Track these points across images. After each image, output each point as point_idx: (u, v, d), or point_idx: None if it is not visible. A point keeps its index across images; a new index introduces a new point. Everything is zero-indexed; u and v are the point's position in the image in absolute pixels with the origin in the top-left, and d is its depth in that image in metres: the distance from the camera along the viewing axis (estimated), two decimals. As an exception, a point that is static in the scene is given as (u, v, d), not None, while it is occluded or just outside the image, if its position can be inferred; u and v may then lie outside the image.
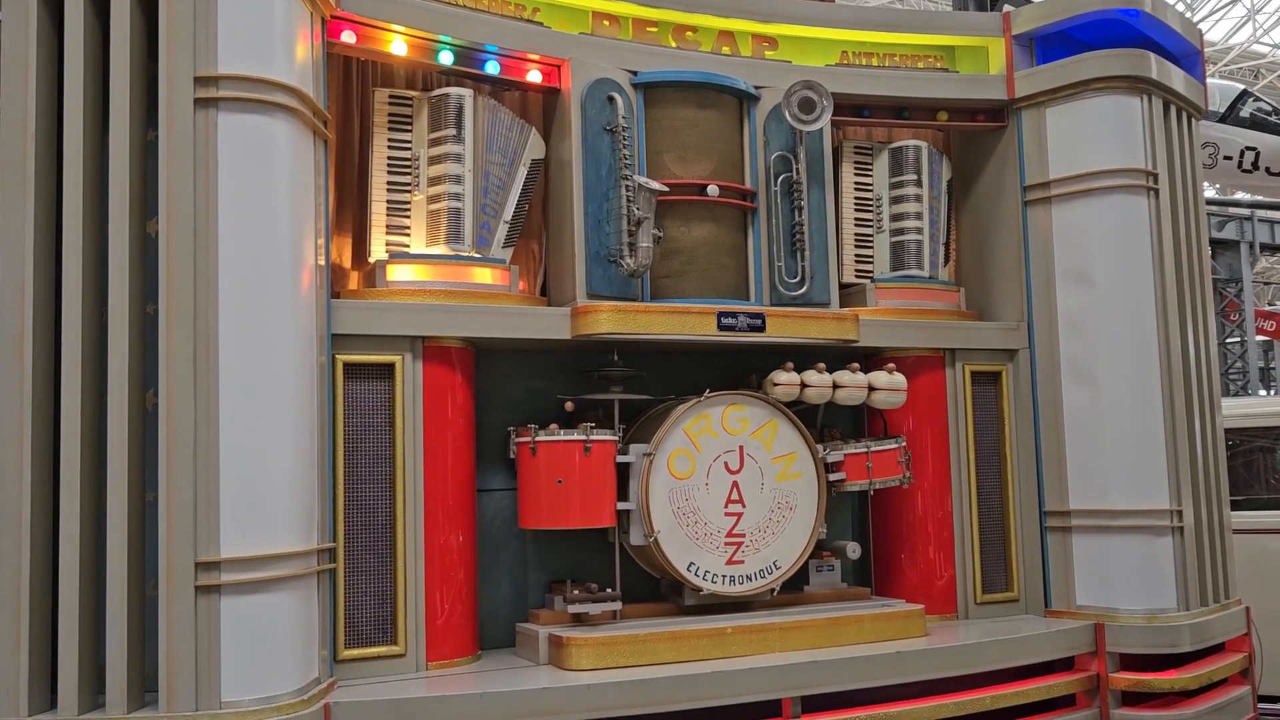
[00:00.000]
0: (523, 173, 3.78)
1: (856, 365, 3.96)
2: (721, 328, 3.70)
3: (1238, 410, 7.29)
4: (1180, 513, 4.04)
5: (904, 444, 4.01)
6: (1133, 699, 3.97)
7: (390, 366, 3.40)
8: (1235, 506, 6.21)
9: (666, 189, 3.70)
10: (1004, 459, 4.32)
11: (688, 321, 3.67)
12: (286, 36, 3.04)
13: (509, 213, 3.74)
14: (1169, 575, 4.02)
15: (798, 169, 3.98)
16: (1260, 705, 4.57)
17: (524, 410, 3.75)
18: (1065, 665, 3.97)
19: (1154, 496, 4.04)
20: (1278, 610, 5.98)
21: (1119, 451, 4.08)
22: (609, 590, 3.60)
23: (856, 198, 4.43)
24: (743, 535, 3.73)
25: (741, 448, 3.77)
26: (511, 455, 3.67)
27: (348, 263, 3.76)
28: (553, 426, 3.57)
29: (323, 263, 3.20)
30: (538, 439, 3.53)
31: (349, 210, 3.76)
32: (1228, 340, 27.35)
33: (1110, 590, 4.06)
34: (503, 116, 3.75)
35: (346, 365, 3.34)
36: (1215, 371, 4.38)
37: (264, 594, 2.85)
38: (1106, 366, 4.12)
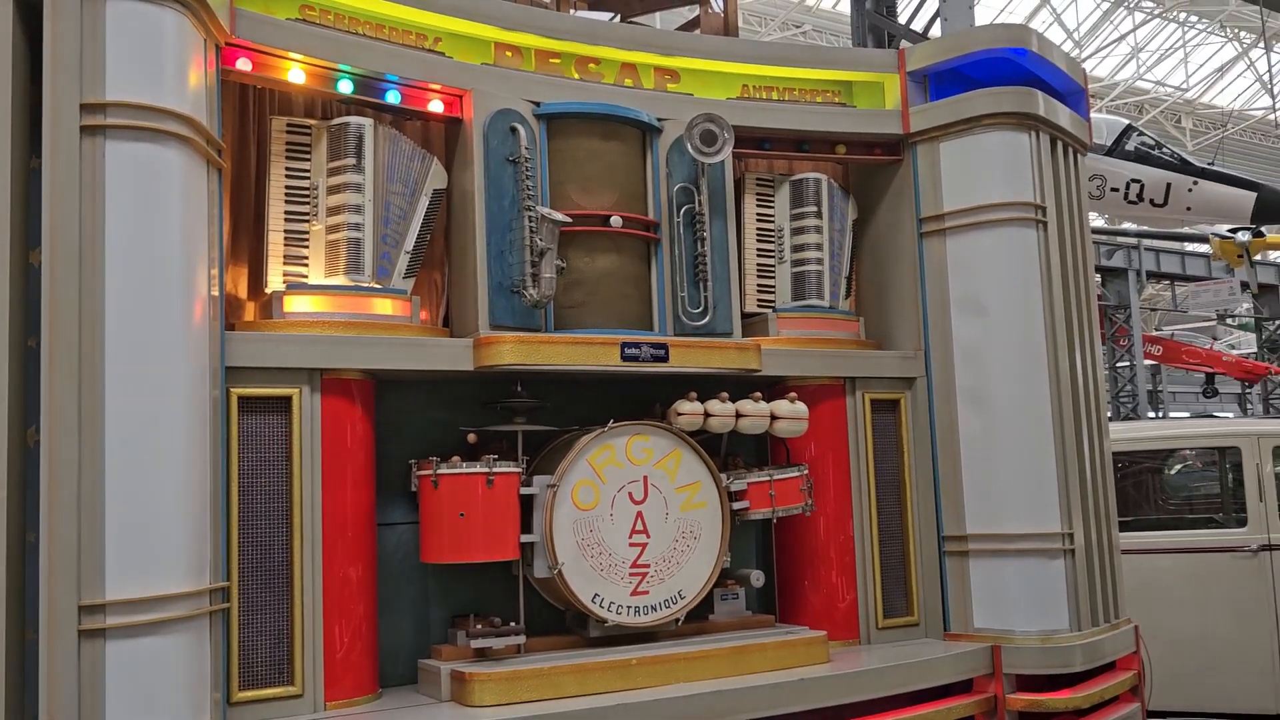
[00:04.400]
0: (424, 202, 3.75)
1: (759, 394, 3.99)
2: (625, 358, 3.70)
3: (1127, 434, 7.56)
4: (1071, 535, 4.16)
5: (806, 472, 4.05)
6: (1029, 719, 4.05)
7: (287, 399, 3.32)
8: (1125, 527, 6.44)
9: (570, 220, 3.70)
10: (903, 485, 4.40)
11: (591, 352, 3.67)
12: (178, 63, 2.97)
13: (410, 243, 3.70)
14: (1061, 596, 4.12)
15: (700, 200, 4.02)
16: (1149, 721, 4.70)
17: (427, 442, 3.69)
18: (964, 687, 4.03)
19: (1046, 520, 4.15)
20: (1166, 628, 6.19)
21: (1012, 476, 4.18)
22: (512, 624, 3.56)
23: (759, 229, 4.49)
24: (647, 566, 3.73)
25: (646, 478, 3.77)
26: (413, 488, 3.61)
27: (244, 294, 3.68)
28: (455, 459, 3.52)
29: (216, 294, 3.12)
30: (439, 471, 3.49)
31: (245, 240, 3.68)
32: (1118, 364, 28.41)
33: (1006, 612, 4.15)
34: (404, 146, 3.72)
35: (241, 398, 3.25)
36: (1103, 396, 4.52)
37: (152, 637, 2.74)
38: (1000, 393, 4.22)
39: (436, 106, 3.76)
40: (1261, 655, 6.23)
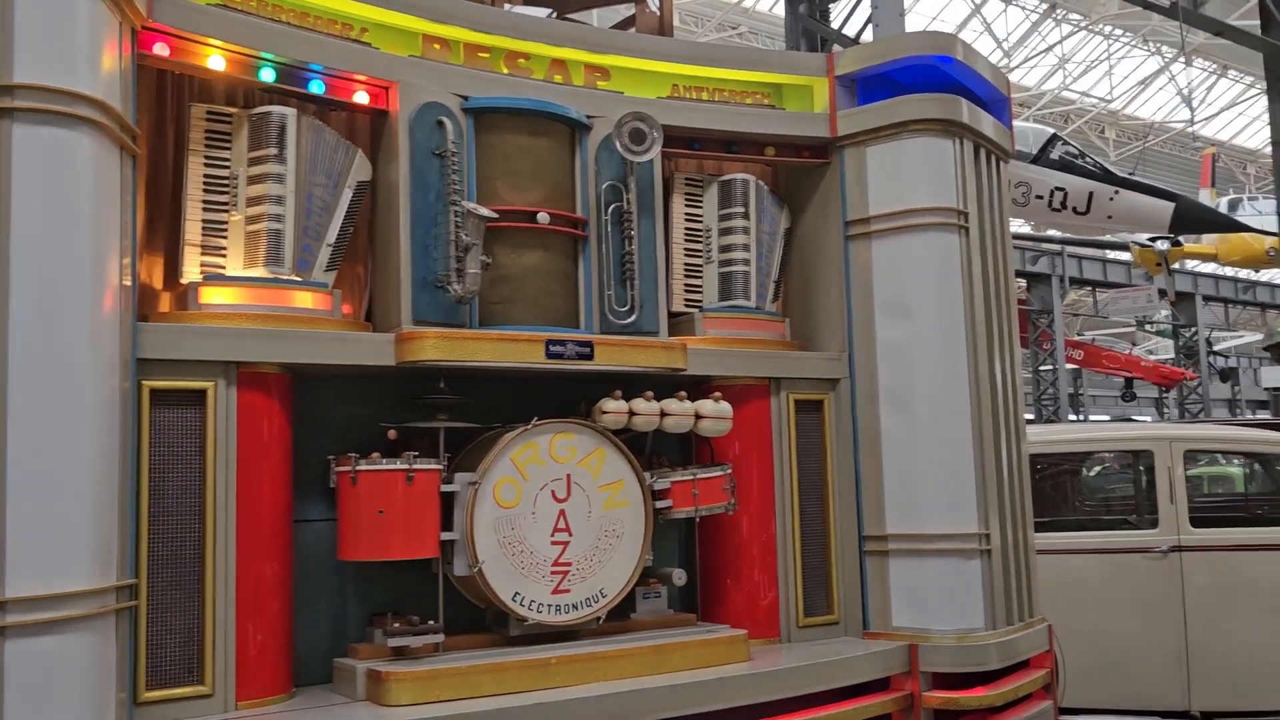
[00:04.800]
0: (348, 195, 3.69)
1: (684, 393, 3.99)
2: (549, 355, 3.68)
3: (1045, 436, 7.72)
4: (988, 536, 4.22)
5: (729, 471, 4.07)
6: (944, 716, 4.11)
7: (201, 393, 3.25)
8: (1043, 528, 6.58)
9: (496, 215, 3.67)
10: (826, 485, 4.43)
11: (515, 349, 3.64)
12: (91, 46, 2.89)
13: (332, 235, 3.64)
14: (977, 596, 4.18)
15: (628, 199, 4.01)
16: (1061, 718, 4.80)
17: (349, 439, 3.63)
18: (881, 685, 4.07)
19: (964, 520, 4.21)
20: (1079, 626, 6.33)
21: (932, 477, 4.24)
22: (431, 622, 3.52)
23: (687, 229, 4.49)
24: (569, 564, 3.71)
25: (569, 476, 3.75)
26: (332, 485, 3.55)
27: (159, 284, 3.58)
28: (375, 455, 3.47)
29: (128, 284, 3.04)
30: (358, 468, 3.44)
31: (161, 230, 3.58)
32: (1041, 368, 29.07)
33: (924, 611, 4.20)
34: (327, 137, 3.65)
35: (154, 391, 3.17)
36: (1020, 400, 4.60)
37: (54, 635, 2.66)
38: (921, 395, 4.27)
39: (362, 98, 3.71)
40: (1170, 653, 6.40)
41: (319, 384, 3.66)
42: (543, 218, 3.82)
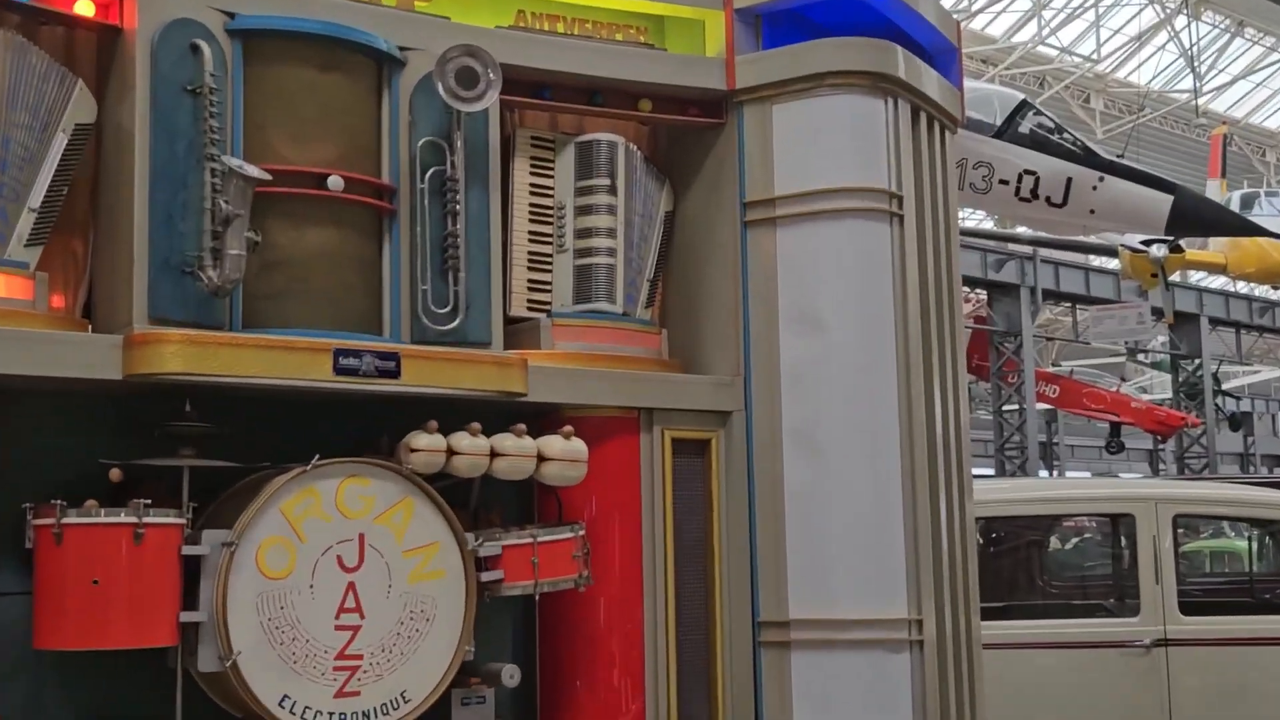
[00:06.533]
0: (62, 141, 3.64)
1: (523, 427, 4.03)
2: (339, 371, 3.68)
3: (1000, 494, 7.98)
4: (920, 623, 4.36)
5: (582, 533, 4.12)
6: None
7: None
8: (999, 615, 6.79)
9: (269, 177, 3.66)
10: (711, 554, 4.51)
11: (292, 360, 3.63)
12: None
13: (37, 198, 3.58)
14: (905, 699, 4.31)
15: (453, 161, 4.04)
16: None
17: (56, 480, 3.56)
18: (779, 820, 4.18)
19: (890, 602, 4.34)
20: (1042, 742, 6.55)
21: (849, 545, 4.37)
22: (164, 737, 3.48)
23: (532, 204, 4.53)
24: (359, 657, 3.70)
25: (362, 536, 3.75)
26: (29, 544, 3.48)
27: None
28: (90, 504, 3.42)
29: None
30: (65, 521, 3.37)
31: None
32: (1005, 408, 29.82)
33: (836, 718, 4.31)
34: (34, 61, 3.60)
35: None
36: (966, 445, 4.77)
37: None
38: (837, 435, 4.40)
39: (84, 8, 3.68)
40: (1154, 777, 6.67)
41: (15, 403, 3.59)
42: (335, 182, 3.82)
